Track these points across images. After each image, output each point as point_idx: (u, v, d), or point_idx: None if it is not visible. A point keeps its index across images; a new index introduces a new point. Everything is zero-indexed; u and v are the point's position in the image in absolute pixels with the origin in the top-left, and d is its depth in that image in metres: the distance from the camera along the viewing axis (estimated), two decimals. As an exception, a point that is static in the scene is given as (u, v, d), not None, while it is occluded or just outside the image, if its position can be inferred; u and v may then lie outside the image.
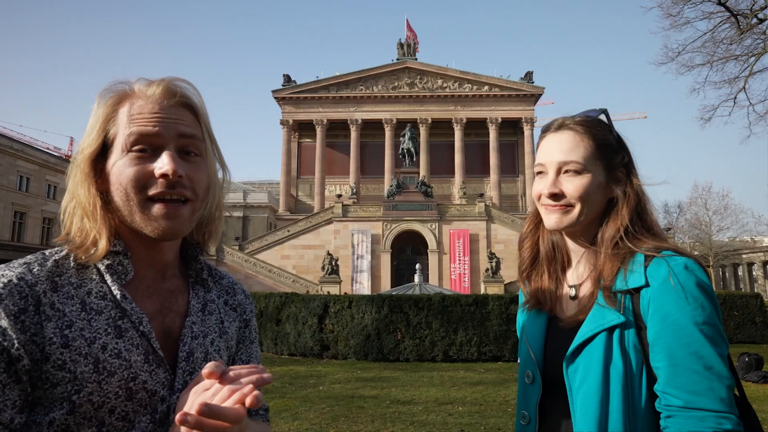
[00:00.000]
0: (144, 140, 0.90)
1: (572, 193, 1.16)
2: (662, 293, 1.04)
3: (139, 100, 0.92)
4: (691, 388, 0.99)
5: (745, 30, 15.31)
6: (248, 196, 50.46)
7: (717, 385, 0.99)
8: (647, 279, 1.07)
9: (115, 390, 0.82)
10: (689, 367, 1.00)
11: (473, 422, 6.63)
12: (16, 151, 35.57)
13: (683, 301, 1.02)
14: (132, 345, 0.87)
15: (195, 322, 0.98)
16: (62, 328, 0.82)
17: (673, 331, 1.02)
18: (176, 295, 0.99)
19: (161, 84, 0.95)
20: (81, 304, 0.85)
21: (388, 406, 7.61)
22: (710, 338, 1.01)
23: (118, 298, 0.88)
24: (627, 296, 1.10)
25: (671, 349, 1.02)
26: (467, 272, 34.14)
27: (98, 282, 0.89)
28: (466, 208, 36.26)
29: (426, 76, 46.98)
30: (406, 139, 38.88)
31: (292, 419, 6.80)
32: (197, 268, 1.04)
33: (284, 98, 46.83)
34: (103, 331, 0.85)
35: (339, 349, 12.78)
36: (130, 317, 0.88)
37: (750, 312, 15.73)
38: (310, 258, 34.33)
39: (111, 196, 0.91)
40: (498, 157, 45.38)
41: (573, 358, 1.12)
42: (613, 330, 1.08)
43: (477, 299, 12.82)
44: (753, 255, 44.16)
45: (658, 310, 1.04)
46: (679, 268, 1.05)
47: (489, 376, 10.43)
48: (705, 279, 1.05)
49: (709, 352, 1.00)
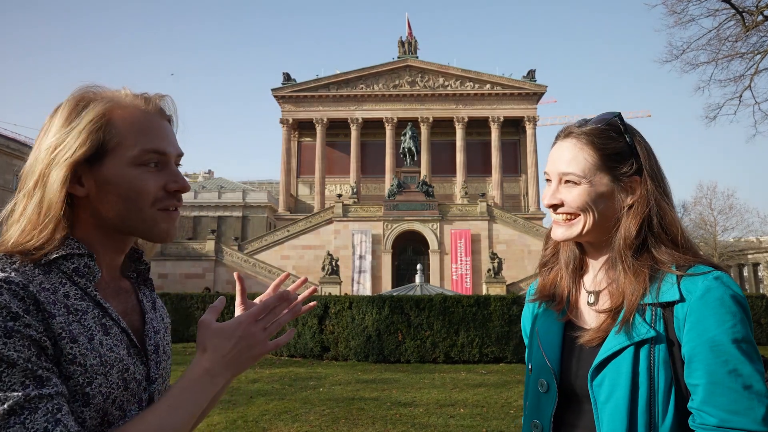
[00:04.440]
0: (156, 156, 0.96)
1: (570, 203, 1.15)
2: (700, 308, 1.02)
3: (139, 112, 0.97)
4: (729, 407, 0.96)
5: (751, 27, 15.16)
6: (247, 195, 50.45)
7: (756, 405, 0.96)
8: (681, 293, 1.04)
9: (116, 381, 0.87)
10: (728, 385, 0.97)
11: (475, 424, 6.56)
12: (13, 150, 35.63)
13: (722, 317, 1.00)
14: (118, 341, 0.91)
15: (153, 318, 1.05)
16: (67, 324, 0.84)
17: (712, 348, 0.99)
18: (129, 294, 1.04)
19: (155, 100, 1.01)
20: (65, 307, 0.86)
21: (389, 408, 7.54)
22: (749, 356, 0.99)
23: (97, 298, 0.92)
24: (658, 310, 1.07)
25: (710, 366, 0.99)
26: (469, 273, 34.04)
27: (70, 285, 0.90)
28: (468, 207, 36.15)
29: (427, 74, 46.90)
30: (407, 138, 38.74)
31: (292, 421, 6.74)
32: (141, 269, 1.09)
33: (284, 97, 46.78)
34: (95, 329, 0.88)
35: (339, 351, 12.69)
36: (110, 315, 0.92)
37: (756, 313, 15.60)
38: (310, 258, 34.26)
39: (95, 202, 0.93)
40: (500, 157, 45.29)
41: (598, 371, 1.08)
42: (641, 344, 1.05)
43: (479, 300, 12.74)
44: (758, 255, 43.98)
45: (695, 326, 1.01)
46: (716, 283, 1.03)
47: (491, 377, 10.34)
48: (740, 293, 1.03)
49: (749, 370, 0.98)
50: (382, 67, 46.80)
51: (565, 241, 1.20)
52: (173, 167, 1.00)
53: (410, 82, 46.80)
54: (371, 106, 46.55)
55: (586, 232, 1.15)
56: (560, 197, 1.16)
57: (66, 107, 0.94)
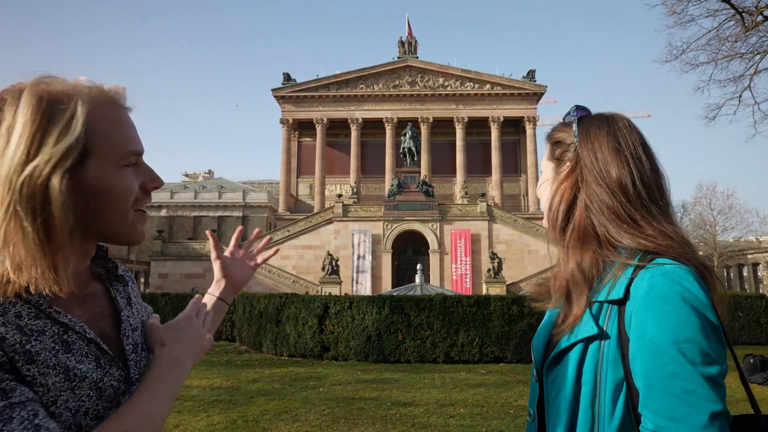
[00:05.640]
0: (135, 156, 0.92)
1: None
2: (642, 308, 0.96)
3: (113, 108, 0.91)
4: (666, 413, 0.90)
5: (750, 27, 15.17)
6: (248, 195, 50.43)
7: (695, 411, 0.88)
8: (628, 291, 0.99)
9: (86, 392, 0.84)
10: (665, 389, 0.91)
11: (475, 424, 6.56)
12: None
13: (662, 316, 0.93)
14: (82, 355, 0.86)
15: (129, 315, 1.01)
16: (21, 345, 0.78)
17: (651, 350, 0.93)
18: (99, 297, 0.99)
19: (119, 92, 0.94)
20: (18, 329, 0.80)
21: (389, 407, 7.54)
22: (692, 359, 0.90)
23: (54, 315, 0.85)
24: (614, 307, 1.02)
25: (648, 369, 0.93)
26: (469, 273, 34.04)
27: (21, 304, 0.82)
28: (468, 207, 36.14)
29: (427, 74, 46.90)
30: (407, 138, 38.72)
31: (292, 421, 6.73)
32: (110, 267, 1.04)
33: (284, 97, 46.78)
34: (56, 347, 0.83)
35: (339, 351, 12.69)
36: (73, 329, 0.87)
37: (755, 313, 15.56)
38: (310, 258, 34.25)
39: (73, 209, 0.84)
40: (500, 157, 45.30)
41: (551, 367, 1.09)
42: (590, 341, 1.02)
43: (479, 300, 12.73)
44: (758, 255, 43.95)
45: (637, 327, 0.96)
46: (662, 280, 0.95)
47: (491, 377, 10.34)
48: (695, 290, 0.93)
49: (691, 374, 0.90)
50: (382, 67, 46.80)
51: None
52: (145, 165, 0.96)
53: (410, 82, 46.80)
54: (371, 106, 46.54)
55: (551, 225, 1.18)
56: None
57: (35, 106, 0.81)
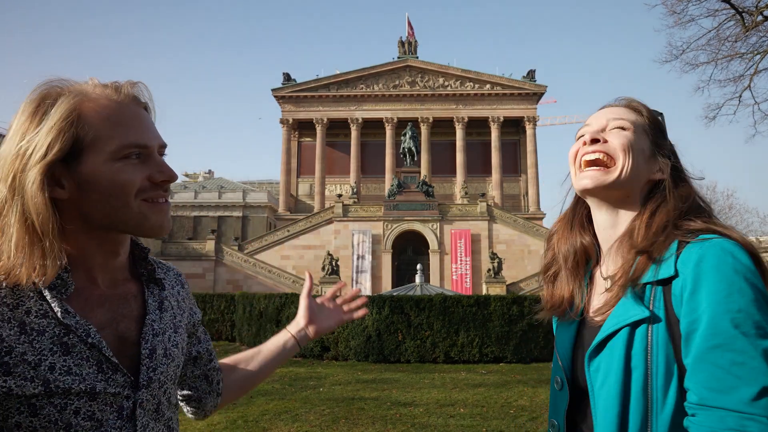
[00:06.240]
0: (138, 148, 0.92)
1: (613, 141, 1.11)
2: (693, 280, 0.93)
3: (111, 103, 0.92)
4: (710, 384, 0.87)
5: (751, 27, 15.16)
6: (247, 195, 50.39)
7: (744, 384, 0.85)
8: (677, 268, 0.96)
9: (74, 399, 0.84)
10: (712, 361, 0.88)
11: (475, 424, 6.56)
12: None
13: (714, 286, 0.90)
14: (81, 359, 0.86)
15: (154, 320, 1.00)
16: (1, 356, 0.80)
17: (701, 322, 0.90)
18: (129, 299, 0.99)
19: (126, 88, 0.96)
20: (20, 326, 0.83)
21: (389, 407, 7.54)
22: (744, 330, 0.87)
23: (59, 316, 0.86)
24: (658, 288, 0.99)
25: (697, 341, 0.90)
26: (469, 273, 34.02)
27: (37, 300, 0.86)
28: (468, 207, 36.13)
29: (427, 74, 46.86)
30: (407, 138, 38.69)
31: (292, 421, 6.73)
32: (149, 269, 1.05)
33: (284, 97, 46.74)
34: (48, 351, 0.84)
35: (339, 351, 12.69)
36: (75, 332, 0.87)
37: (754, 312, 15.58)
38: (310, 258, 34.23)
39: (79, 203, 0.89)
40: (500, 157, 45.25)
41: (594, 355, 1.03)
42: (637, 325, 0.98)
43: (479, 300, 12.73)
44: (757, 255, 43.98)
45: (689, 301, 0.93)
46: (713, 250, 0.93)
47: (491, 377, 10.34)
48: (746, 261, 0.92)
49: (742, 345, 0.86)
50: (382, 67, 46.76)
51: (593, 188, 1.11)
52: (157, 158, 0.96)
53: (410, 82, 46.76)
54: (371, 106, 46.50)
55: (624, 179, 1.09)
56: (604, 136, 1.13)
57: (30, 105, 0.88)
